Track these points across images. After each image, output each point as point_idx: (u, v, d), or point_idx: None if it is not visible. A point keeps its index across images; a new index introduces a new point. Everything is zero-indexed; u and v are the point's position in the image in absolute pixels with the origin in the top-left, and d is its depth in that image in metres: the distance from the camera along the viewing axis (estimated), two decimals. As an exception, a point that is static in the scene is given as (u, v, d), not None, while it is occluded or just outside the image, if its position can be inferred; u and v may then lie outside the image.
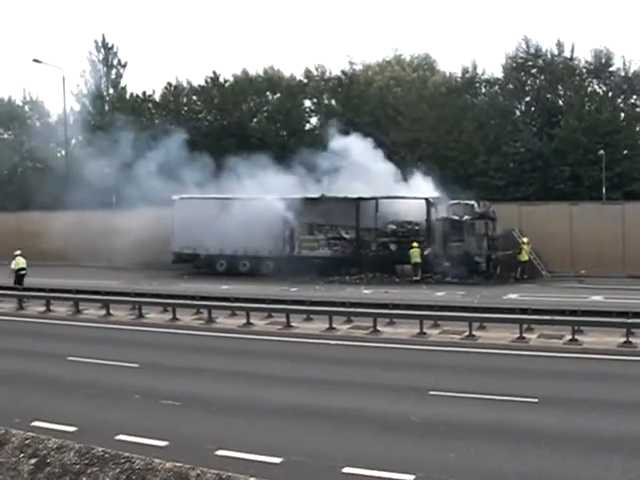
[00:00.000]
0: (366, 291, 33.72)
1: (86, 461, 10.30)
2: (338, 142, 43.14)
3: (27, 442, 11.03)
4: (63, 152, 60.39)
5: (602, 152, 46.95)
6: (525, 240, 37.71)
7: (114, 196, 48.98)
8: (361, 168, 40.77)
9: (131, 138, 46.88)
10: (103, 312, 27.81)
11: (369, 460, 11.62)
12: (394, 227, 40.53)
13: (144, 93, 62.74)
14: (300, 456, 11.89)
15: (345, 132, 45.17)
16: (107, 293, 29.52)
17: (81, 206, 44.01)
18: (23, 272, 33.05)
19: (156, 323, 26.00)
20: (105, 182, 46.13)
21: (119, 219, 43.62)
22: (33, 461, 10.60)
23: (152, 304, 27.82)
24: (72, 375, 18.18)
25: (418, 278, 37.47)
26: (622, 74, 51.71)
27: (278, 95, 59.20)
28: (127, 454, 10.39)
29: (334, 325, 23.87)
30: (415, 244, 37.94)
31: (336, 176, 41.39)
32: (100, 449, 10.54)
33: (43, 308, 28.99)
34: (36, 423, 13.20)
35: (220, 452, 11.99)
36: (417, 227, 39.91)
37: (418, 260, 37.89)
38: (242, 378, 17.63)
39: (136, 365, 19.00)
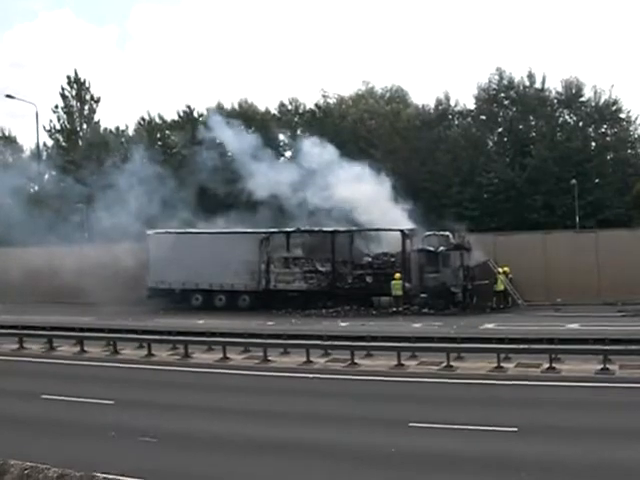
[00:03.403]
0: (343, 324, 33.59)
1: None
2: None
3: (27, 472, 10.83)
4: (36, 187, 59.87)
5: (574, 181, 47.47)
6: (505, 269, 37.70)
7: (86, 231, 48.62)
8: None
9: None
10: (77, 349, 27.46)
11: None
12: (370, 259, 40.53)
13: (117, 128, 62.70)
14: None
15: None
16: (81, 329, 29.19)
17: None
18: None
19: (131, 359, 25.71)
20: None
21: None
22: None
23: (127, 340, 27.50)
24: (46, 414, 17.86)
25: (401, 309, 37.24)
26: (592, 104, 52.46)
27: (252, 129, 59.32)
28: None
29: (312, 358, 23.73)
30: (397, 275, 37.56)
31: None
32: (101, 476, 10.32)
33: (16, 345, 28.53)
34: (9, 464, 12.89)
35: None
36: (393, 259, 39.89)
37: (399, 293, 37.35)
38: (220, 414, 17.45)
39: (112, 402, 18.74)
